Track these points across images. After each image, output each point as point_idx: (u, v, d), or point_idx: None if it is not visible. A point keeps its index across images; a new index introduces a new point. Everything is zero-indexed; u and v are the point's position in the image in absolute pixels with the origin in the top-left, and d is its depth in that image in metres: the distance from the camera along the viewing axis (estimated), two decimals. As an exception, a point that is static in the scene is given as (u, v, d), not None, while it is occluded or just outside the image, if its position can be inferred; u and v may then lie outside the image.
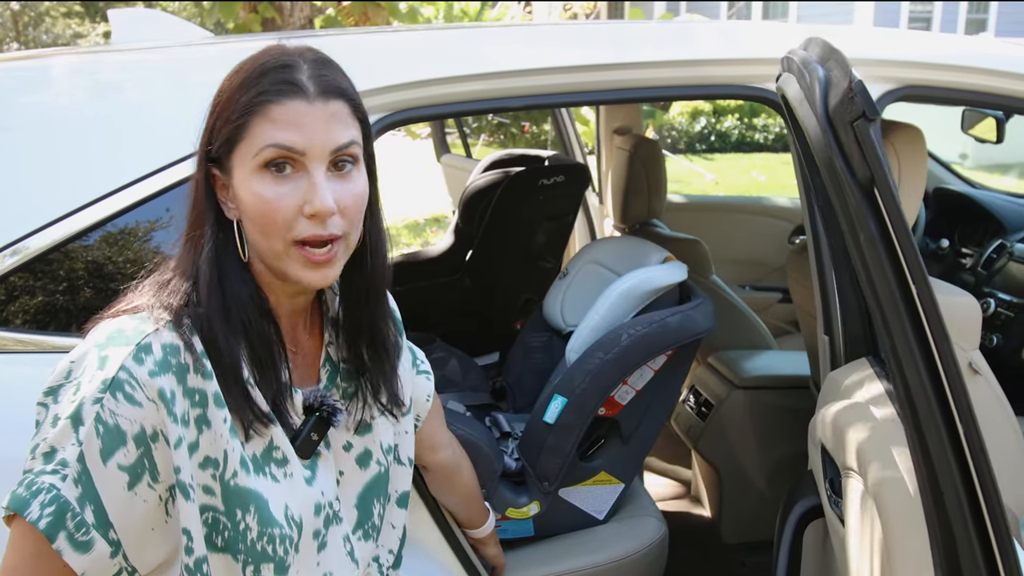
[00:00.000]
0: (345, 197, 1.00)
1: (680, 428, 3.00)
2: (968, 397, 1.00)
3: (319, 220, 0.98)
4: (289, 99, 0.97)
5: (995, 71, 1.81)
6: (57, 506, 0.89)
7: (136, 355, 0.93)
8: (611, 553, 2.01)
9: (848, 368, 1.65)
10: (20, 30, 16.99)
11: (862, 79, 1.72)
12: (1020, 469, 1.88)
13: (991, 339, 2.75)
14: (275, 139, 0.97)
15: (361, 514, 1.16)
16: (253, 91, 0.98)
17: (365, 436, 1.17)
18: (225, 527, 0.99)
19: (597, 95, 1.80)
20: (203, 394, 0.97)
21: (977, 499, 1.02)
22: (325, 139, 0.98)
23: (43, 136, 1.45)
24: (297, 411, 1.07)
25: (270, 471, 1.03)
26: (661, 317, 1.96)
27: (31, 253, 1.34)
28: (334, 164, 1.00)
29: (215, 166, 1.02)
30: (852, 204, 1.04)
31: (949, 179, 3.69)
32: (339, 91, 1.01)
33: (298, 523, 1.04)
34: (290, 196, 0.98)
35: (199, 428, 0.96)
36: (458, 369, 2.41)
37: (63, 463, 0.90)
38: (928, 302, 0.99)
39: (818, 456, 1.65)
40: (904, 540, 1.22)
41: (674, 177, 10.54)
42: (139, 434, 0.92)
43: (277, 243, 0.99)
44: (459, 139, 5.42)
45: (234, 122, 0.98)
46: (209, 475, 0.97)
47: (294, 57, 1.00)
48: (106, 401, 0.91)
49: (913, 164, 1.88)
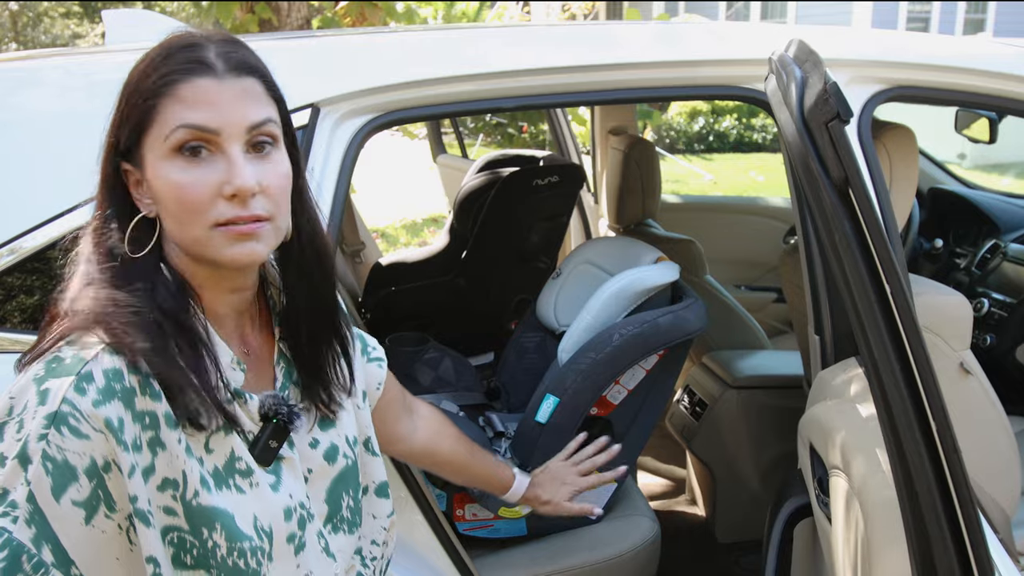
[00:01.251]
0: (267, 177, 0.95)
1: (674, 428, 3.01)
2: (941, 395, 1.01)
3: (240, 200, 0.93)
4: (197, 77, 0.92)
5: (987, 72, 1.82)
6: (10, 550, 0.85)
7: (78, 385, 0.88)
8: (603, 552, 2.02)
9: (837, 367, 1.65)
10: (19, 30, 17.00)
11: (852, 79, 1.75)
12: (1011, 469, 1.89)
13: (985, 339, 2.76)
14: (186, 119, 0.92)
15: (331, 508, 1.12)
16: (158, 73, 0.93)
17: (329, 431, 1.13)
18: (193, 545, 0.95)
19: (589, 96, 1.81)
20: (153, 416, 0.92)
21: (951, 496, 1.02)
22: (240, 116, 0.94)
23: (37, 135, 1.46)
24: (253, 418, 1.02)
25: (234, 483, 0.99)
26: (653, 317, 1.97)
27: (26, 252, 1.35)
28: (252, 145, 0.95)
29: (125, 160, 0.97)
30: (827, 204, 1.04)
31: (944, 179, 3.70)
32: (249, 67, 0.96)
33: (268, 532, 1.00)
34: (207, 178, 0.93)
35: (153, 451, 0.92)
36: (451, 369, 2.41)
37: (12, 505, 0.85)
38: (901, 301, 1.00)
39: (807, 455, 1.66)
40: (884, 538, 1.23)
41: (672, 177, 10.55)
42: (90, 467, 0.88)
43: (197, 229, 0.94)
44: (455, 140, 5.42)
45: (140, 106, 0.93)
46: (169, 496, 0.93)
47: (199, 38, 0.96)
48: (51, 437, 0.86)
49: (904, 164, 1.89)
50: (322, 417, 1.12)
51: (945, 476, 1.00)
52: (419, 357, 2.39)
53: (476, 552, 1.96)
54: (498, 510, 1.98)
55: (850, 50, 1.80)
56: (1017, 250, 2.92)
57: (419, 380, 2.36)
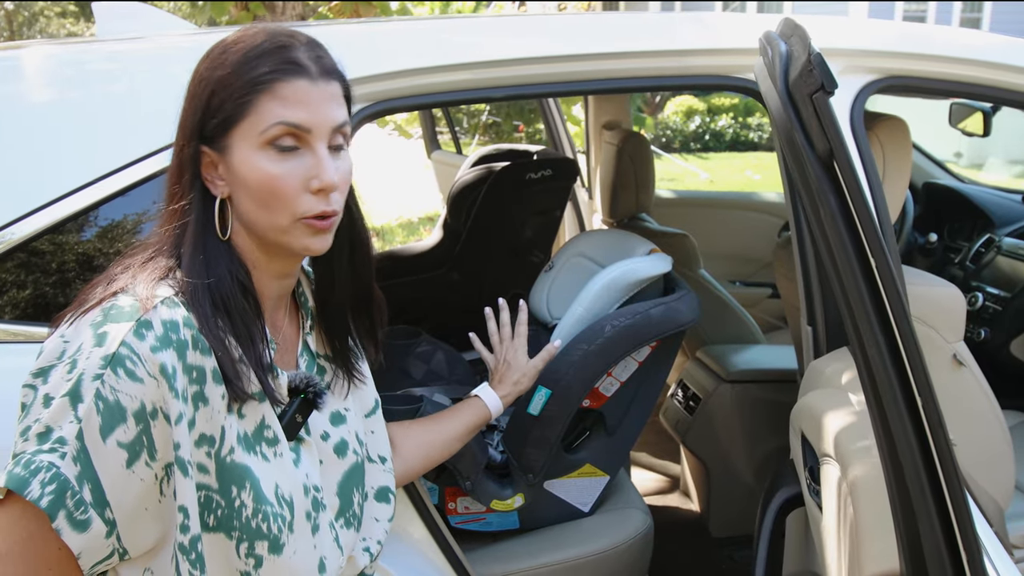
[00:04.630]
0: (341, 173, 1.05)
1: (668, 422, 3.00)
2: (926, 369, 1.00)
3: (324, 195, 1.02)
4: (295, 78, 1.00)
5: (980, 61, 1.81)
6: (58, 484, 0.88)
7: (137, 331, 0.92)
8: (596, 545, 2.01)
9: (829, 357, 1.65)
10: (15, 30, 16.98)
11: (845, 69, 1.74)
12: (1005, 461, 1.88)
13: (979, 333, 2.76)
14: (284, 117, 0.99)
15: (343, 502, 1.17)
16: (257, 70, 0.99)
17: (340, 427, 1.18)
18: (219, 505, 0.98)
19: (579, 85, 1.80)
20: (201, 370, 0.96)
21: (936, 470, 1.01)
22: (328, 117, 1.02)
23: (26, 124, 1.44)
24: (282, 392, 1.08)
25: (261, 450, 1.03)
26: (644, 308, 1.96)
27: (15, 241, 1.34)
28: (332, 143, 1.04)
29: (206, 144, 1.03)
30: (812, 179, 1.03)
31: (938, 173, 3.70)
32: (336, 72, 1.06)
33: (288, 502, 1.04)
34: (296, 171, 1.01)
35: (196, 405, 0.96)
36: (444, 363, 2.41)
37: (61, 441, 0.89)
38: (887, 277, 0.99)
39: (798, 444, 1.65)
40: (872, 522, 1.22)
41: (669, 176, 10.55)
42: (139, 411, 0.92)
43: (283, 218, 1.01)
44: (451, 138, 5.41)
45: (236, 100, 0.99)
46: (204, 453, 0.97)
47: (287, 38, 1.03)
48: (107, 377, 0.90)
49: (898, 156, 1.88)
50: (333, 412, 1.18)
51: (931, 452, 0.99)
52: (412, 350, 2.39)
53: (468, 545, 1.95)
54: (490, 503, 1.98)
55: (842, 39, 1.80)
56: (1011, 244, 2.92)
57: (411, 373, 2.35)
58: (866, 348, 1.03)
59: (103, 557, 0.94)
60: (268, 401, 1.05)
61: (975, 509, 1.49)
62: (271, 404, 1.06)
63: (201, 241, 1.02)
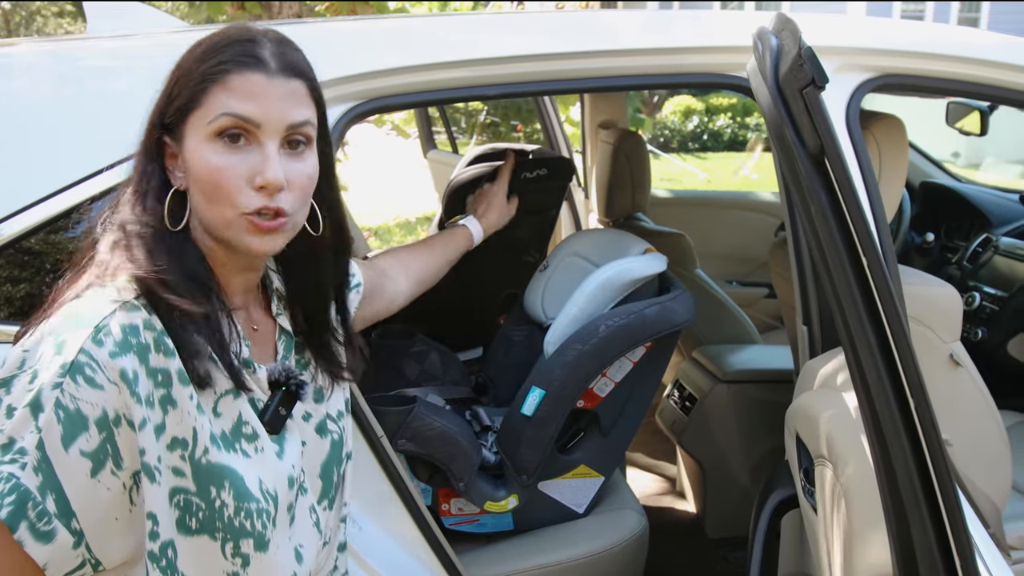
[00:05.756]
0: (296, 175, 1.02)
1: (664, 423, 2.99)
2: (918, 369, 0.99)
3: (268, 192, 0.99)
4: (249, 71, 0.99)
5: (977, 60, 1.80)
6: (18, 495, 0.87)
7: (95, 337, 0.91)
8: (591, 546, 2.00)
9: (824, 357, 1.63)
10: (12, 30, 16.95)
11: (841, 67, 1.72)
12: (1001, 462, 1.87)
13: (976, 333, 2.75)
14: (231, 108, 0.98)
15: (324, 484, 1.16)
16: (213, 60, 0.99)
17: (321, 404, 1.18)
18: (199, 508, 0.97)
19: (575, 83, 1.78)
20: (166, 373, 0.95)
21: (928, 472, 1.00)
22: (281, 114, 1.00)
23: (17, 120, 1.43)
24: (262, 387, 1.07)
25: (241, 447, 1.02)
26: (639, 308, 1.95)
27: (5, 238, 1.32)
28: (288, 142, 1.02)
29: (167, 133, 1.03)
30: (802, 175, 1.02)
31: (935, 173, 3.69)
32: (299, 70, 1.03)
33: (273, 496, 1.03)
34: (241, 166, 0.99)
35: (164, 409, 0.94)
36: (439, 363, 2.39)
37: (22, 451, 0.87)
38: (879, 275, 0.98)
39: (793, 445, 1.64)
40: (865, 523, 1.21)
41: (666, 176, 10.55)
42: (101, 418, 0.90)
43: (226, 211, 1.00)
44: (447, 139, 5.40)
45: (191, 88, 0.99)
46: (178, 456, 0.96)
47: (257, 34, 1.03)
48: (66, 385, 0.89)
49: (894, 155, 1.87)
50: (316, 390, 1.17)
51: (923, 452, 0.98)
52: (406, 351, 2.37)
53: (462, 547, 1.93)
54: (484, 504, 1.96)
55: (837, 37, 1.78)
56: (1009, 244, 2.91)
57: (405, 374, 2.33)
58: (858, 349, 1.02)
59: (72, 568, 0.93)
60: (244, 397, 1.04)
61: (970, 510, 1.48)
62: (247, 400, 1.04)
63: (163, 235, 1.01)
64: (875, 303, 0.98)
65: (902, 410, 0.98)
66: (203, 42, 1.03)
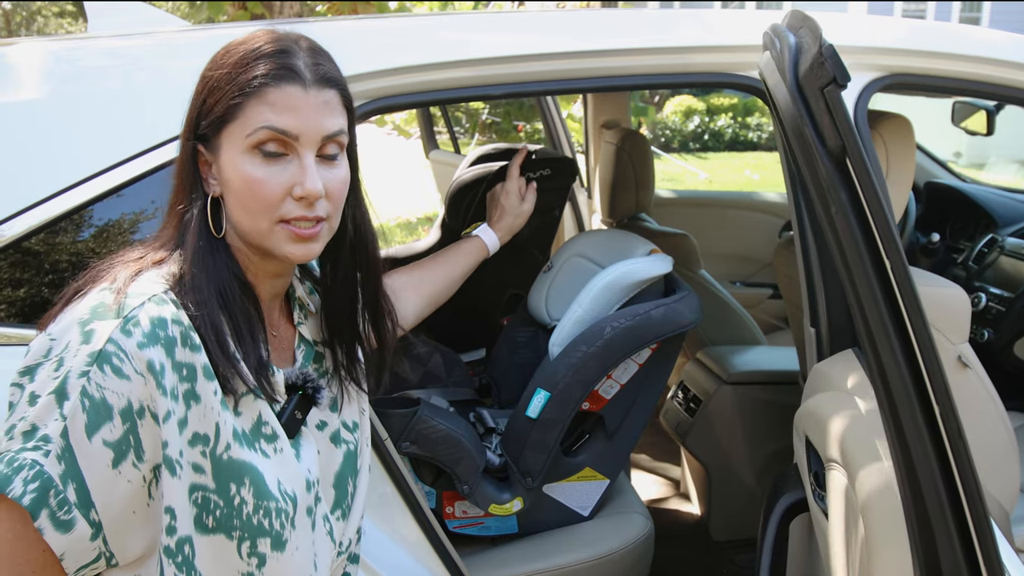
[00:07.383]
0: (331, 182, 1.04)
1: (668, 424, 2.97)
2: (944, 374, 0.97)
3: (307, 203, 1.02)
4: (287, 84, 1.00)
5: (985, 59, 1.78)
6: (40, 482, 0.87)
7: (124, 327, 0.92)
8: (596, 550, 1.98)
9: (833, 360, 1.62)
10: (12, 30, 16.95)
11: (848, 66, 1.70)
12: (1010, 464, 1.86)
13: (982, 334, 2.73)
14: (270, 122, 0.99)
15: (338, 494, 1.17)
16: (250, 73, 1.00)
17: (336, 414, 1.19)
18: (217, 505, 0.97)
19: (578, 83, 1.76)
20: (191, 368, 0.95)
21: (955, 485, 0.98)
22: (317, 126, 1.01)
23: (18, 120, 1.42)
24: (279, 390, 1.08)
25: (260, 447, 1.02)
26: (645, 310, 1.93)
27: (6, 239, 1.31)
28: (322, 150, 1.04)
29: (201, 143, 1.04)
30: (823, 175, 1.00)
31: (940, 173, 3.67)
32: (333, 81, 1.05)
33: (292, 497, 1.04)
34: (279, 177, 1.01)
35: (187, 403, 0.95)
36: (442, 365, 2.38)
37: (45, 439, 0.88)
38: (902, 276, 0.96)
39: (803, 449, 1.62)
40: (884, 533, 1.19)
41: (668, 176, 10.54)
42: (126, 409, 0.90)
43: (263, 222, 1.01)
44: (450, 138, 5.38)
45: (228, 102, 1.00)
46: (199, 452, 0.96)
47: (289, 43, 1.03)
48: (93, 374, 0.89)
49: (901, 155, 1.85)
50: (332, 399, 1.19)
51: (949, 463, 0.95)
52: (408, 352, 2.36)
53: (466, 550, 1.92)
54: (488, 507, 1.95)
55: (845, 36, 1.76)
56: (1014, 244, 2.89)
57: (409, 375, 2.32)
58: (880, 354, 1.00)
59: (89, 561, 0.93)
60: (264, 398, 1.05)
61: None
62: (267, 401, 1.05)
63: (199, 238, 1.03)
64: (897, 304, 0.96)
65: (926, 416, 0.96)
66: (232, 50, 1.03)
